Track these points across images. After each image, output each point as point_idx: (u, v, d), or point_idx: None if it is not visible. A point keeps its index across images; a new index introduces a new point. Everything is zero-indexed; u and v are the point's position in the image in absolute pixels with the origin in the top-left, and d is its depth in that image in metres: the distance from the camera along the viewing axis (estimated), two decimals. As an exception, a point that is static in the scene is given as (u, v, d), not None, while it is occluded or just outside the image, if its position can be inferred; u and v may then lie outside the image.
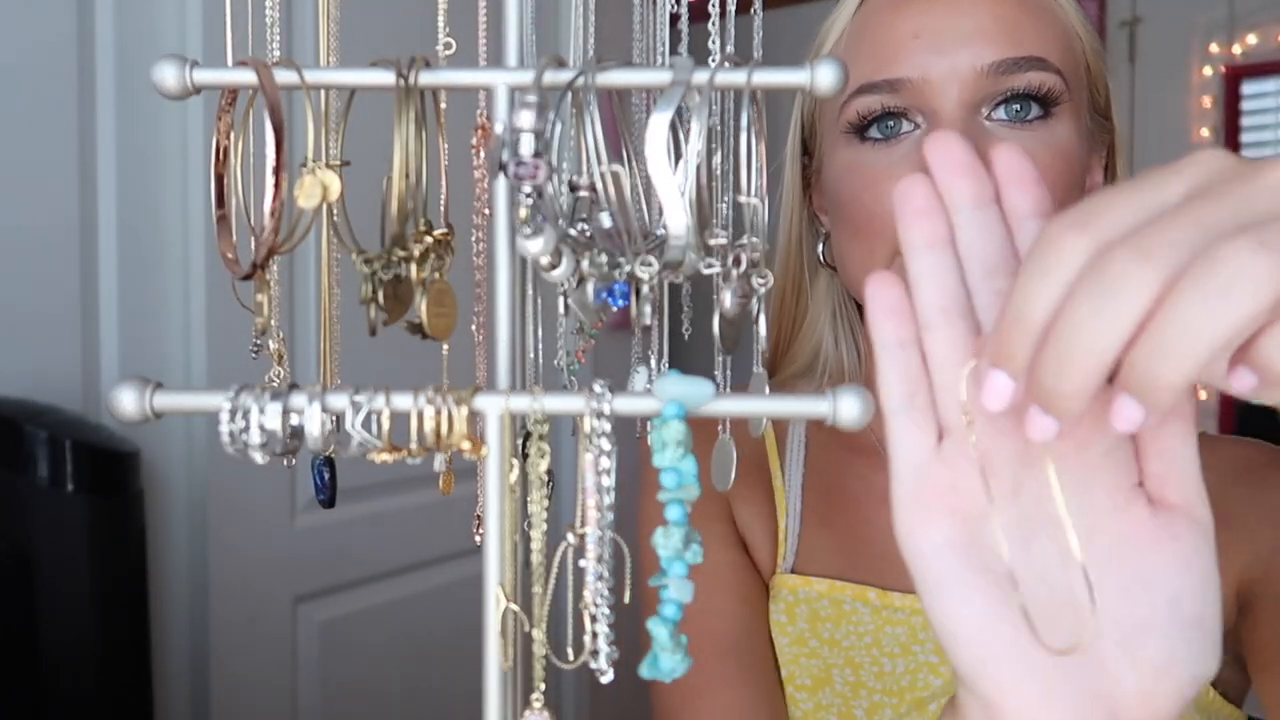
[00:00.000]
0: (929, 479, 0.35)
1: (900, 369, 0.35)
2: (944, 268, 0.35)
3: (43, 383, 1.20)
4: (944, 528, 0.35)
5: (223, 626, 1.38)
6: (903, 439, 0.36)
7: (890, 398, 0.36)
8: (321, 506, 0.39)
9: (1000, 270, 0.35)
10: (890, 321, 0.36)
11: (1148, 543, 0.34)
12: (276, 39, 0.38)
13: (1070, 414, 0.29)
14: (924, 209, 0.35)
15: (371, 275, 0.38)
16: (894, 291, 0.36)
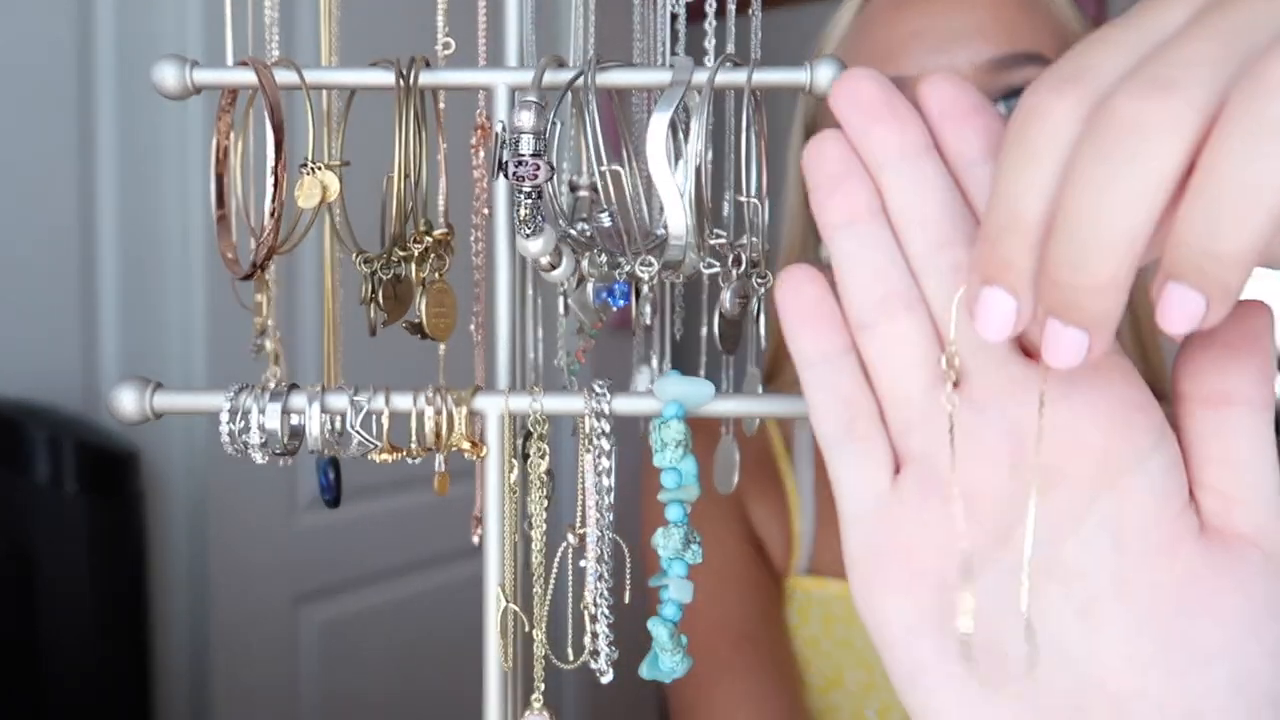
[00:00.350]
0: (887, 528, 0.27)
1: (831, 390, 0.27)
2: (875, 245, 0.27)
3: (43, 383, 1.20)
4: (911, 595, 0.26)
5: (223, 626, 1.38)
6: (848, 477, 0.27)
7: (823, 427, 0.28)
8: (327, 506, 0.39)
9: (953, 239, 0.26)
10: (809, 331, 0.28)
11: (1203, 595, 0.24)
12: (276, 39, 0.38)
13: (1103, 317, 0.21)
14: (838, 173, 0.27)
15: (371, 275, 0.38)
16: (810, 291, 0.28)
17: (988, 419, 0.26)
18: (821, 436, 0.28)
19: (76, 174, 1.26)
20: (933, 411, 0.26)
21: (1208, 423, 0.26)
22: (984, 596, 0.25)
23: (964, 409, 0.26)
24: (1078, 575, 0.25)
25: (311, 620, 1.51)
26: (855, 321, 0.27)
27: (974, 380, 0.26)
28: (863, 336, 0.27)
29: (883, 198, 0.27)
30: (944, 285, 0.26)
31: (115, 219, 1.30)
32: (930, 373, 0.26)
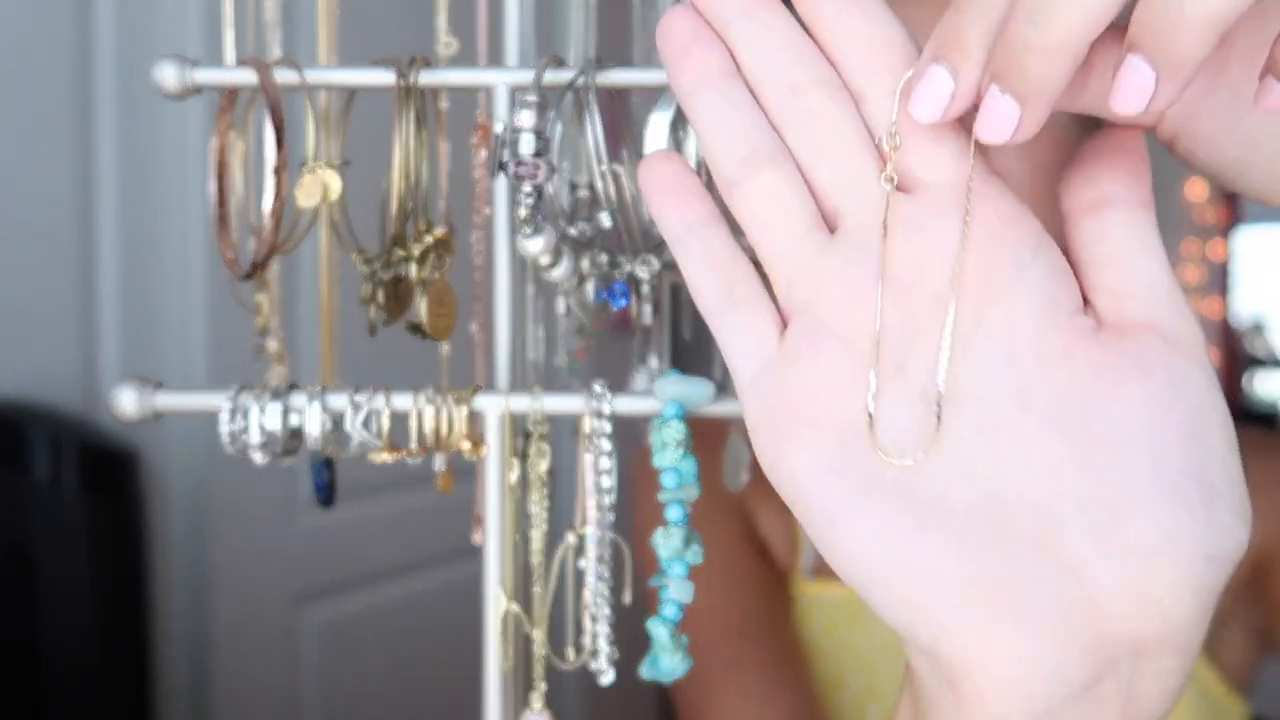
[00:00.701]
0: (780, 385, 0.26)
1: (704, 259, 0.27)
2: (732, 105, 0.26)
3: (43, 383, 1.20)
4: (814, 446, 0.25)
5: (223, 626, 1.38)
6: (734, 344, 0.27)
7: (703, 300, 0.27)
8: (321, 506, 0.39)
9: (807, 84, 0.26)
10: (673, 204, 0.27)
11: (1106, 386, 0.24)
12: (276, 39, 0.38)
13: (1042, 84, 0.22)
14: (687, 41, 0.27)
15: (371, 275, 0.38)
16: (668, 167, 0.28)
17: (862, 255, 0.26)
18: (704, 309, 0.28)
19: (76, 174, 1.26)
20: (811, 260, 0.26)
21: (1089, 229, 0.26)
22: (886, 430, 0.25)
23: (839, 248, 0.26)
24: (975, 397, 0.25)
25: (311, 620, 1.51)
26: (723, 183, 0.27)
27: (848, 220, 0.26)
28: (733, 197, 0.27)
29: (735, 58, 0.27)
30: (803, 133, 0.26)
31: (115, 219, 1.30)
32: (804, 221, 0.26)
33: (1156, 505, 0.24)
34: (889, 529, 0.25)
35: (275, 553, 1.45)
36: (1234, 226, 2.80)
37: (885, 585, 0.25)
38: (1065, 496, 0.24)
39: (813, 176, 0.26)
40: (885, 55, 0.26)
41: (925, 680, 0.26)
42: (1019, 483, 0.25)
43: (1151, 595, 0.23)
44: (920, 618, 0.24)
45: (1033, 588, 0.24)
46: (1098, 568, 0.24)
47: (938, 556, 0.24)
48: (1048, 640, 0.23)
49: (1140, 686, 0.24)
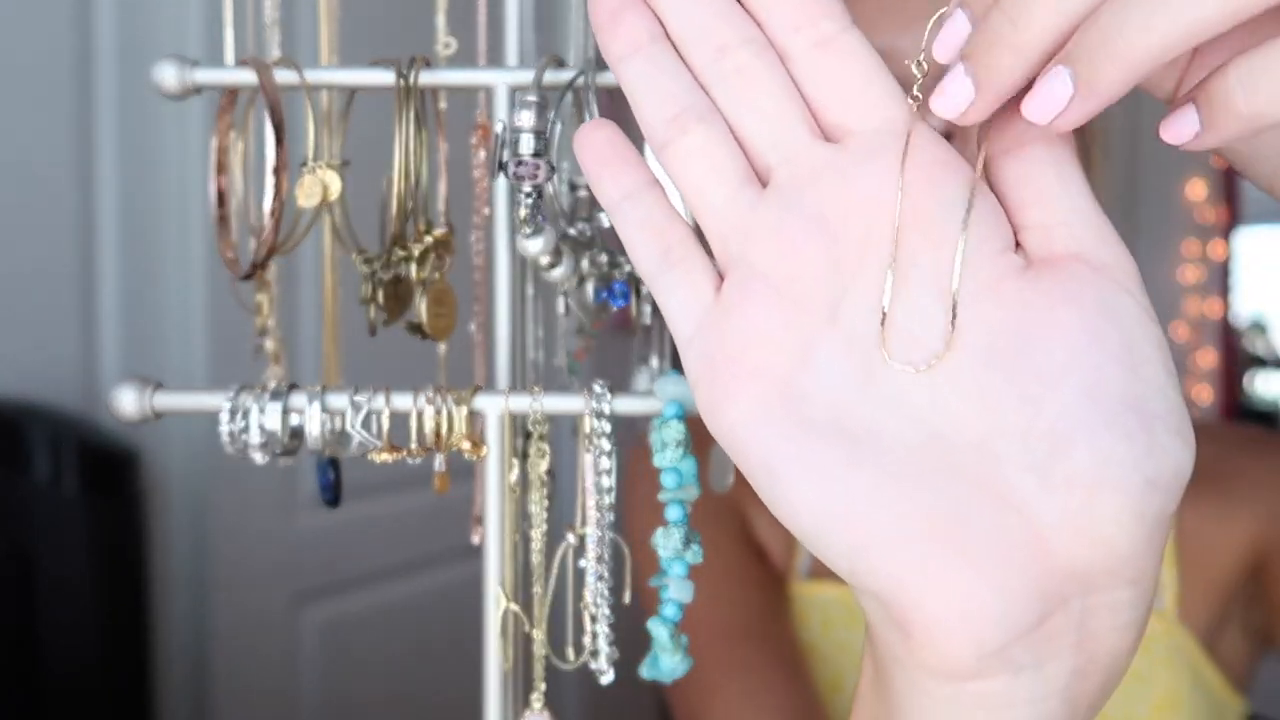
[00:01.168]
0: (717, 338, 0.27)
1: (641, 221, 0.28)
2: (661, 69, 0.27)
3: (42, 382, 1.20)
4: (752, 394, 0.26)
5: (223, 626, 1.38)
6: (673, 303, 0.28)
7: (643, 262, 0.28)
8: (327, 506, 0.39)
9: (732, 43, 0.27)
10: (608, 171, 0.28)
11: (1037, 317, 0.25)
12: (276, 39, 0.38)
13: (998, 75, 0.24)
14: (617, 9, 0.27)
15: (371, 275, 0.38)
16: (601, 134, 0.28)
17: (792, 206, 0.26)
18: (644, 272, 0.28)
19: (76, 174, 1.26)
20: (743, 215, 0.27)
21: (1011, 169, 0.26)
22: (824, 377, 0.26)
23: (770, 201, 0.26)
24: (910, 337, 0.25)
25: (311, 620, 1.51)
26: (655, 144, 0.27)
27: (778, 173, 0.27)
28: (664, 156, 0.27)
29: (663, 23, 0.27)
30: (731, 91, 0.27)
31: (115, 219, 1.30)
32: (735, 177, 0.27)
33: (1095, 435, 0.24)
34: (828, 472, 0.25)
35: (275, 553, 1.45)
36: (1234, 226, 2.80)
37: (830, 532, 0.25)
38: (1003, 432, 0.24)
39: (742, 133, 0.27)
40: (807, 11, 0.26)
41: (879, 629, 0.26)
42: (957, 421, 0.25)
43: (1095, 526, 0.23)
44: (865, 561, 0.24)
45: (976, 525, 0.24)
46: (1040, 502, 0.24)
47: (878, 497, 0.24)
48: (994, 578, 0.23)
49: (1094, 623, 0.24)
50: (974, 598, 0.23)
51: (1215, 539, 0.68)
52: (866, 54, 0.27)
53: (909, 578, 0.24)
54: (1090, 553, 0.24)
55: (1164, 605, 0.67)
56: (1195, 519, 0.68)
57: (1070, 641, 0.24)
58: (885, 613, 0.25)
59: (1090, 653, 0.24)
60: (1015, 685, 0.24)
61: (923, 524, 0.24)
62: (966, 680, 0.24)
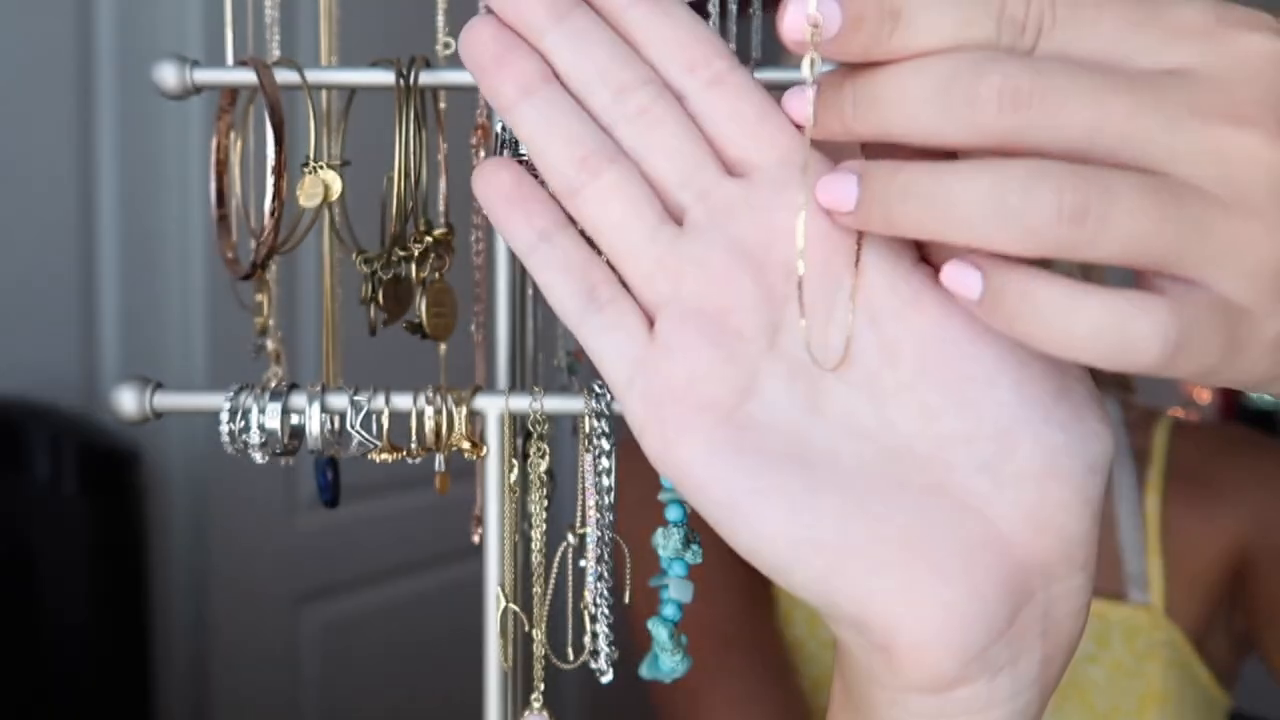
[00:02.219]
0: (658, 378, 0.26)
1: (560, 267, 0.27)
2: (559, 111, 0.27)
3: (43, 382, 1.20)
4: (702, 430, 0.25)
5: (223, 626, 1.38)
6: (604, 346, 0.27)
7: (566, 306, 0.27)
8: (325, 506, 0.39)
9: (632, 83, 0.26)
10: (518, 214, 0.27)
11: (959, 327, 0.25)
12: (276, 39, 0.38)
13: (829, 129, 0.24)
14: (498, 51, 0.27)
15: (371, 275, 0.38)
16: (505, 174, 0.27)
17: (713, 241, 0.26)
18: (566, 315, 0.27)
19: (76, 174, 1.26)
20: (666, 252, 0.26)
21: None
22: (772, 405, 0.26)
23: (691, 238, 0.26)
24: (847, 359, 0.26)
25: (311, 620, 1.51)
26: (563, 190, 0.27)
27: (692, 211, 0.27)
28: (576, 202, 0.27)
29: (551, 65, 0.27)
30: (637, 131, 0.27)
31: (115, 219, 1.30)
32: (652, 216, 0.26)
33: (1035, 429, 0.24)
34: (790, 501, 0.25)
35: (275, 553, 1.45)
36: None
37: (800, 561, 0.25)
38: (951, 439, 0.25)
39: (652, 173, 0.27)
40: (698, 50, 0.27)
41: (855, 653, 0.26)
42: (905, 435, 0.25)
43: (1048, 515, 0.24)
44: (839, 587, 0.25)
45: (941, 536, 0.24)
46: (996, 501, 0.24)
47: (843, 521, 0.24)
48: (966, 584, 0.24)
49: (1055, 611, 0.25)
50: (952, 608, 0.24)
51: (1201, 539, 0.68)
52: (757, 90, 0.27)
53: (885, 599, 0.24)
54: (1047, 542, 0.25)
55: (1150, 600, 0.68)
56: (1182, 518, 0.69)
57: (1038, 632, 0.25)
58: (863, 637, 0.25)
59: (1054, 640, 0.25)
60: (994, 685, 0.25)
61: (891, 543, 0.24)
62: (950, 689, 0.24)
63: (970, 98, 0.22)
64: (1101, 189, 0.21)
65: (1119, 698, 0.66)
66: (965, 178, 0.22)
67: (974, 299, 0.23)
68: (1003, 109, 0.22)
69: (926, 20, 0.22)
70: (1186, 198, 0.21)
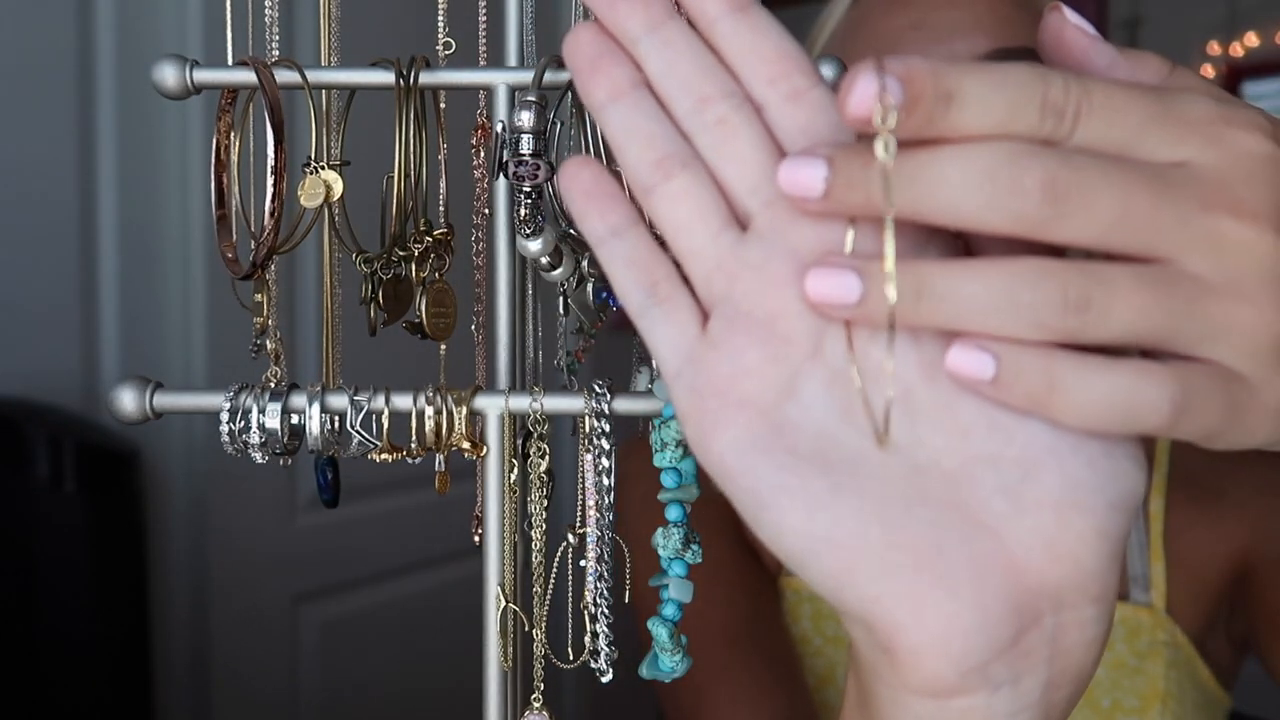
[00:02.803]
0: (705, 371, 0.28)
1: (628, 259, 0.29)
2: (643, 115, 0.28)
3: (42, 383, 1.20)
4: (740, 424, 0.27)
5: (223, 626, 1.38)
6: (660, 337, 0.29)
7: (629, 297, 0.29)
8: (325, 506, 0.39)
9: (712, 94, 0.28)
10: (595, 208, 0.29)
11: None
12: (276, 39, 0.38)
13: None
14: (594, 55, 0.29)
15: (371, 275, 0.38)
16: (586, 172, 0.29)
17: (772, 248, 0.27)
18: (629, 307, 0.29)
19: (76, 174, 1.26)
20: (726, 255, 0.28)
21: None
22: (808, 408, 0.27)
23: (752, 243, 0.28)
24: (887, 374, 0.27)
25: (311, 620, 1.51)
26: (639, 188, 0.29)
27: (757, 218, 0.28)
28: (649, 201, 0.28)
29: (642, 71, 0.29)
30: (713, 140, 0.28)
31: (115, 219, 1.30)
32: (717, 220, 0.28)
33: (1062, 460, 0.25)
34: (813, 500, 0.26)
35: (275, 553, 1.45)
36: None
37: (815, 556, 0.26)
38: (978, 459, 0.26)
39: (723, 179, 0.28)
40: (780, 65, 0.28)
41: (863, 650, 0.27)
42: (932, 450, 0.26)
43: (1064, 545, 0.25)
44: (850, 586, 0.26)
45: (955, 549, 0.25)
46: (1014, 524, 0.25)
47: (861, 524, 0.25)
48: (973, 599, 0.25)
49: (1064, 638, 0.26)
50: (955, 619, 0.25)
51: (1204, 543, 0.69)
52: (834, 108, 0.28)
53: (893, 602, 0.25)
54: (1060, 571, 0.25)
55: (1152, 601, 0.68)
56: (1185, 522, 0.69)
57: (1043, 656, 0.26)
58: (870, 635, 0.26)
59: (1061, 666, 0.26)
60: (994, 700, 0.25)
61: (904, 550, 0.25)
62: (949, 697, 0.25)
63: (1015, 188, 0.23)
64: (1100, 282, 0.23)
65: (1121, 695, 0.66)
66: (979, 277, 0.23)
67: (986, 379, 0.24)
68: (1044, 200, 0.23)
69: (978, 105, 0.23)
70: (1179, 285, 0.24)
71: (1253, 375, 0.24)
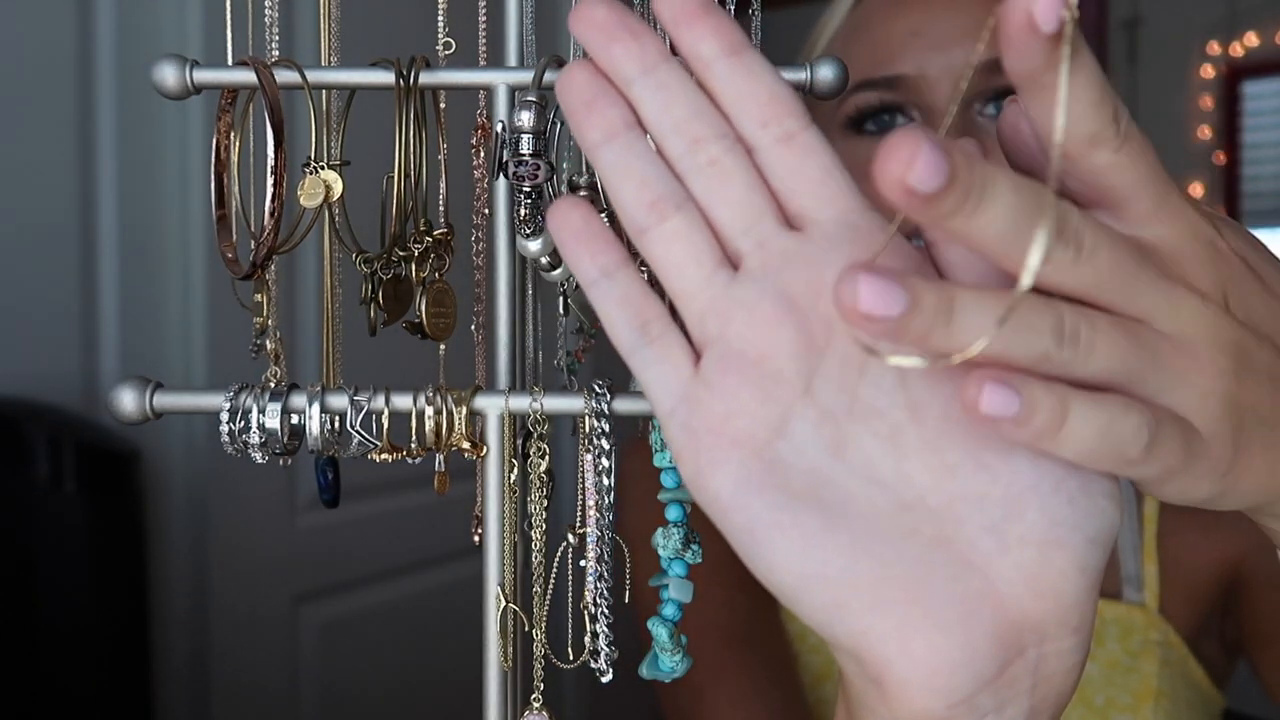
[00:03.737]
0: (699, 410, 0.28)
1: (619, 301, 0.29)
2: (637, 156, 0.29)
3: (43, 383, 1.20)
4: (734, 463, 0.27)
5: (223, 626, 1.38)
6: (652, 377, 0.29)
7: (620, 337, 0.29)
8: (325, 506, 0.39)
9: (706, 136, 0.28)
10: (585, 249, 0.29)
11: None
12: (276, 39, 0.38)
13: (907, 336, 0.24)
14: (589, 96, 0.29)
15: (371, 275, 0.38)
16: (576, 214, 0.29)
17: (764, 288, 0.28)
18: (621, 346, 0.29)
19: (76, 174, 1.26)
20: (719, 296, 0.28)
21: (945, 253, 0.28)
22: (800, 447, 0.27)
23: (744, 283, 0.28)
24: (875, 412, 0.27)
25: (311, 620, 1.51)
26: (633, 229, 0.29)
27: (749, 259, 0.28)
28: (643, 241, 0.29)
29: (636, 112, 0.29)
30: (706, 181, 0.29)
31: (115, 219, 1.30)
32: (710, 261, 0.28)
33: (1044, 498, 0.26)
34: (806, 538, 0.27)
35: (275, 553, 1.45)
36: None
37: (807, 592, 0.27)
38: (964, 497, 0.27)
39: (715, 220, 0.29)
40: (773, 108, 0.28)
41: (853, 680, 0.28)
42: (920, 489, 0.27)
43: (1046, 580, 0.26)
44: (841, 620, 0.27)
45: (942, 585, 0.26)
46: (999, 561, 0.26)
47: (852, 561, 0.27)
48: (960, 634, 0.26)
49: (1046, 668, 0.27)
50: (943, 654, 0.26)
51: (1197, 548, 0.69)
52: (825, 150, 0.29)
53: (883, 637, 0.26)
54: (1043, 605, 0.26)
55: (1145, 600, 0.68)
56: (1179, 525, 0.69)
57: (1026, 686, 0.27)
58: (860, 667, 0.27)
59: (1043, 694, 0.27)
60: None
61: (894, 586, 0.26)
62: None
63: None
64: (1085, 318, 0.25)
65: (1115, 693, 0.66)
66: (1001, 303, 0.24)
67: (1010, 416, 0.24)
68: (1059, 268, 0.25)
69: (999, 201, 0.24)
70: (1148, 335, 0.26)
71: (1204, 428, 0.26)
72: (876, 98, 0.61)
